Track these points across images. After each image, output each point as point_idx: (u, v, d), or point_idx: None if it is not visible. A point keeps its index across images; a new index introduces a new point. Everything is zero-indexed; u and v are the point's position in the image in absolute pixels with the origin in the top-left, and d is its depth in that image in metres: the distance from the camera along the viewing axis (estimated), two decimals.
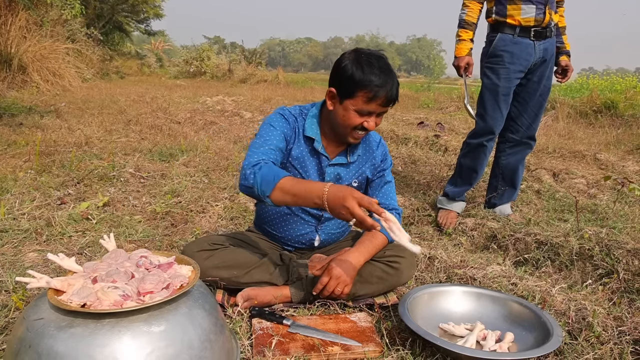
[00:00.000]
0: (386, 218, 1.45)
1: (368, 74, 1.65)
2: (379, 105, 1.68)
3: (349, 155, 1.87)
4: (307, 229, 1.93)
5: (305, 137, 1.83)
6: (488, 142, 2.89)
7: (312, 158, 1.85)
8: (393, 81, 1.68)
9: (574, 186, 4.03)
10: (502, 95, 2.79)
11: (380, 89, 1.65)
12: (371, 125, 1.71)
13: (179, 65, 23.25)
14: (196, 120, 6.87)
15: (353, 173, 1.91)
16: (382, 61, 1.70)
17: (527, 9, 2.67)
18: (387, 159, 1.97)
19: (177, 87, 14.12)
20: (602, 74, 18.26)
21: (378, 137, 1.99)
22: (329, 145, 1.86)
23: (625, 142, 6.31)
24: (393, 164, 2.06)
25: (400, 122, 7.08)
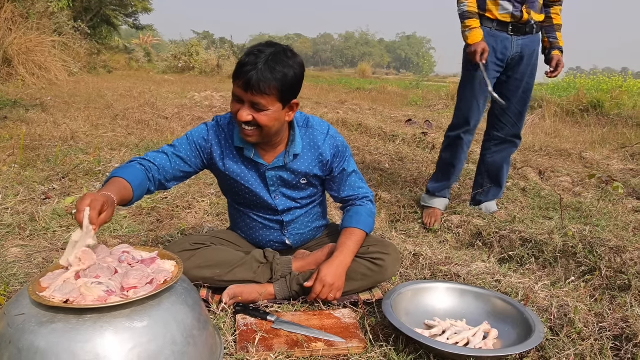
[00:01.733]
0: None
1: (244, 55, 1.60)
2: (240, 87, 1.58)
3: (286, 156, 1.78)
4: (275, 233, 1.93)
5: (237, 147, 1.77)
6: (465, 135, 2.92)
7: (249, 167, 1.79)
8: (258, 65, 1.55)
9: (559, 184, 4.07)
10: (478, 85, 2.81)
11: (242, 68, 1.57)
12: (242, 114, 1.60)
13: (167, 60, 23.07)
14: (184, 115, 6.83)
15: (298, 173, 1.81)
16: (269, 48, 1.61)
17: (505, 5, 2.72)
18: (342, 150, 1.85)
19: (165, 82, 14.02)
20: (589, 73, 18.42)
21: (325, 129, 1.84)
22: (263, 150, 1.78)
23: (611, 141, 6.38)
24: (352, 152, 1.95)
25: (389, 119, 7.10)
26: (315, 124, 1.83)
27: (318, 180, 1.87)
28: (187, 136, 1.78)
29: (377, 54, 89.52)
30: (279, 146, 1.77)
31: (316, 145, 1.80)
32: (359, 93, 12.64)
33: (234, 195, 1.90)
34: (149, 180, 1.66)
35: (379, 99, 11.09)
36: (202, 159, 1.78)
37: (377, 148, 4.88)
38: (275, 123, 1.64)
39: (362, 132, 5.95)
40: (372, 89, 13.51)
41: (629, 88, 11.20)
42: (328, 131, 1.83)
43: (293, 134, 1.77)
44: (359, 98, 10.96)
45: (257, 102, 1.58)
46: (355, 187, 1.91)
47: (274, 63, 1.56)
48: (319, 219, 2.02)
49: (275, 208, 1.86)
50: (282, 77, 1.57)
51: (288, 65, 1.60)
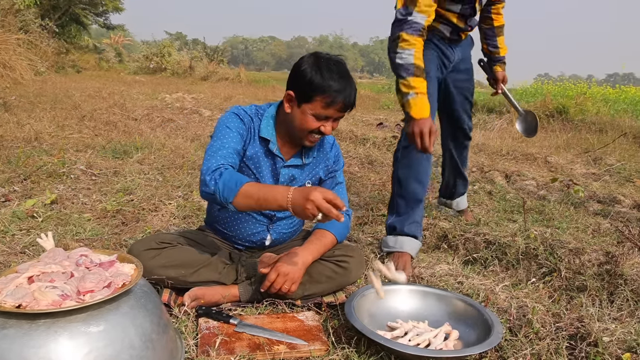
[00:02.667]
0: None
1: (327, 79, 1.66)
2: (337, 110, 1.70)
3: (304, 157, 1.88)
4: (259, 228, 1.93)
5: (261, 137, 1.83)
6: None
7: (266, 159, 1.85)
8: (351, 87, 1.69)
9: (524, 187, 4.16)
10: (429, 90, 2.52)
11: (338, 94, 1.66)
12: (328, 129, 1.73)
13: (138, 60, 22.80)
14: (154, 117, 6.74)
15: (307, 174, 1.92)
16: (342, 66, 1.71)
17: (442, 29, 2.43)
18: (339, 160, 2.00)
19: (136, 83, 13.83)
20: (556, 79, 18.92)
21: (332, 139, 2.01)
22: (284, 147, 1.86)
23: (574, 146, 6.56)
24: (344, 164, 2.08)
25: (360, 122, 7.15)
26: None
27: (318, 183, 1.97)
28: (229, 128, 1.78)
29: (351, 58, 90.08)
30: (298, 147, 1.87)
31: (325, 151, 1.96)
32: None
33: None
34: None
35: None
36: (243, 144, 1.82)
37: (348, 151, 4.91)
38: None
39: (333, 134, 5.96)
40: None
41: (592, 95, 11.56)
42: (334, 142, 2.02)
43: None
44: None
45: (342, 116, 1.75)
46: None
47: (351, 78, 1.73)
48: (300, 223, 2.11)
49: None
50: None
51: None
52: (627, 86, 16.50)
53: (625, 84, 33.76)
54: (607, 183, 4.55)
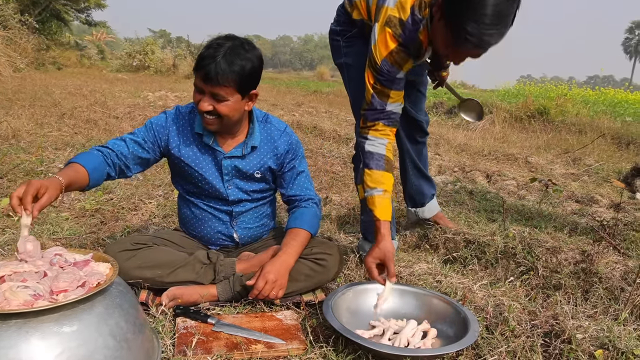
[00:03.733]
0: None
1: (207, 48, 1.69)
2: (201, 79, 1.68)
3: (244, 147, 1.87)
4: (222, 225, 1.94)
5: (196, 133, 1.85)
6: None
7: (206, 154, 1.86)
8: (217, 59, 1.64)
9: (505, 187, 4.20)
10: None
11: (202, 61, 1.66)
12: (203, 105, 1.70)
13: (121, 58, 22.55)
14: (135, 115, 6.67)
15: (254, 164, 1.90)
16: (228, 41, 1.69)
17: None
18: (294, 148, 1.95)
19: (119, 81, 13.67)
20: (539, 81, 19.17)
21: (283, 126, 1.96)
22: (223, 139, 1.86)
23: (554, 146, 6.65)
24: (306, 154, 2.03)
25: (344, 122, 7.16)
26: (274, 121, 1.95)
27: (271, 174, 1.94)
28: (146, 124, 1.86)
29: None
30: (238, 136, 1.86)
31: (272, 139, 1.91)
32: (316, 96, 12.69)
33: (186, 183, 1.93)
34: (107, 165, 1.73)
35: (335, 102, 11.16)
36: (158, 145, 1.84)
37: (331, 151, 4.92)
38: (235, 113, 1.74)
39: (316, 134, 5.98)
40: (329, 92, 13.59)
41: (573, 96, 11.72)
42: (285, 129, 1.95)
43: (252, 127, 1.87)
44: (315, 101, 11.01)
45: (216, 93, 1.67)
46: (302, 188, 1.96)
47: (232, 56, 1.66)
48: (268, 218, 2.06)
49: (226, 198, 1.89)
50: (240, 70, 1.67)
51: (246, 57, 1.69)
52: (606, 88, 16.78)
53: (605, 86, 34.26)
54: (585, 183, 4.63)
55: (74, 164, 1.61)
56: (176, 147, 1.85)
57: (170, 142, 1.85)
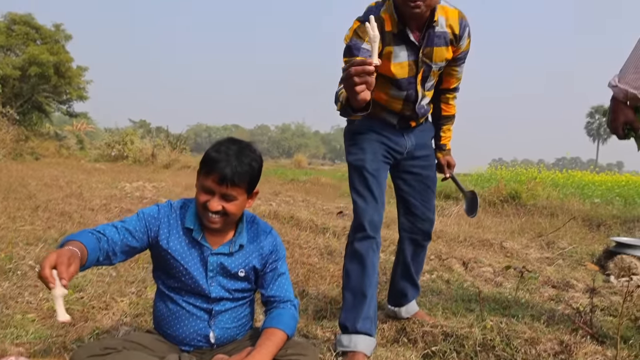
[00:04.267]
0: None
1: (211, 151, 1.77)
2: (214, 182, 1.73)
3: (232, 245, 1.89)
4: (200, 324, 1.89)
5: (186, 228, 1.87)
6: (371, 237, 2.36)
7: (193, 249, 1.87)
8: (232, 162, 1.72)
9: (482, 274, 4.22)
10: (371, 172, 2.37)
11: (214, 164, 1.73)
12: (213, 205, 1.75)
13: (100, 148, 22.81)
14: (112, 207, 6.65)
15: (239, 263, 1.90)
16: (234, 145, 1.79)
17: (389, 118, 2.43)
18: (278, 249, 1.99)
19: (96, 171, 13.73)
20: (509, 164, 19.86)
21: (269, 228, 2.01)
22: (212, 235, 1.88)
23: (528, 230, 6.78)
24: (286, 254, 2.06)
25: (320, 211, 7.23)
26: (260, 222, 2.01)
27: (254, 274, 1.94)
28: (137, 213, 1.88)
29: (313, 145, 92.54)
30: (227, 234, 1.89)
31: (259, 239, 1.94)
32: (294, 184, 12.87)
33: (168, 277, 1.90)
34: (99, 250, 1.71)
35: (312, 190, 11.33)
36: (148, 235, 1.85)
37: (307, 241, 4.92)
38: (240, 211, 1.83)
39: (293, 224, 6.00)
40: (306, 181, 13.80)
41: (543, 179, 12.12)
42: (270, 231, 2.00)
43: (241, 226, 1.91)
44: (293, 189, 11.16)
45: (229, 194, 1.74)
46: (282, 289, 1.97)
47: (242, 157, 1.76)
48: (247, 318, 2.02)
49: (207, 295, 1.86)
50: (251, 170, 1.77)
51: (253, 158, 1.80)
52: (574, 170, 17.45)
53: (572, 167, 35.51)
54: (560, 267, 4.68)
55: (76, 242, 1.60)
56: (165, 239, 1.85)
57: (160, 234, 1.85)
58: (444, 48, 2.31)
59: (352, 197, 2.44)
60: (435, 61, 2.33)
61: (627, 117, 2.06)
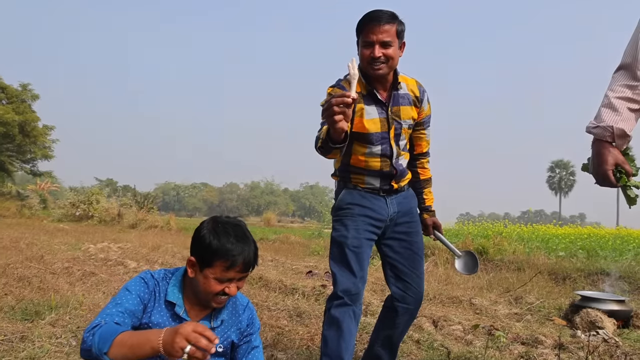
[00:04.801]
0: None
1: (225, 243, 1.73)
2: (237, 272, 1.75)
3: (212, 320, 1.87)
4: None
5: (167, 301, 1.83)
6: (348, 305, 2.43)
7: (174, 323, 1.82)
8: (249, 248, 1.76)
9: (451, 333, 4.20)
10: (352, 249, 2.46)
11: (237, 257, 1.72)
12: (232, 290, 1.76)
13: (64, 207, 22.28)
14: (74, 270, 6.43)
15: (220, 338, 1.88)
16: (239, 229, 1.80)
17: (371, 181, 2.54)
18: (254, 322, 1.99)
19: (59, 232, 13.35)
20: (476, 219, 20.21)
21: (245, 301, 2.01)
22: (192, 309, 1.85)
23: (496, 286, 6.82)
24: (259, 326, 2.06)
25: (290, 271, 7.15)
26: (238, 295, 1.98)
27: (230, 347, 1.92)
28: (129, 290, 1.79)
29: (282, 203, 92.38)
30: (207, 309, 1.86)
31: (237, 313, 1.93)
32: (263, 243, 12.74)
33: None
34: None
35: (281, 249, 11.23)
36: (143, 307, 1.80)
37: (276, 303, 4.84)
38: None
39: (262, 285, 5.90)
40: (275, 239, 13.70)
41: (509, 234, 12.35)
42: (247, 303, 2.00)
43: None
44: (262, 249, 11.00)
45: (244, 277, 1.80)
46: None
47: (248, 236, 1.80)
48: None
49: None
50: (255, 242, 1.83)
51: (249, 232, 1.85)
52: (538, 224, 17.87)
53: (537, 220, 36.23)
54: (529, 323, 4.71)
55: (124, 333, 1.57)
56: (148, 313, 1.80)
57: (147, 307, 1.81)
58: (409, 107, 2.56)
59: (331, 269, 2.52)
60: (403, 119, 2.54)
61: (616, 159, 1.80)
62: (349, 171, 2.56)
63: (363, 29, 2.37)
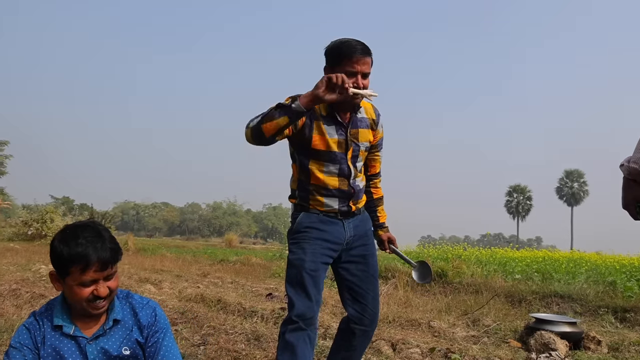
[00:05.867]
0: None
1: (73, 247, 1.71)
2: (96, 271, 1.71)
3: (105, 323, 1.84)
4: None
5: (55, 327, 1.80)
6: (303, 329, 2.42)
7: (68, 345, 1.79)
8: (102, 245, 1.73)
9: (410, 356, 4.21)
10: (309, 272, 2.45)
11: (89, 257, 1.70)
12: (101, 291, 1.73)
13: (15, 226, 21.44)
14: (22, 292, 6.15)
15: (120, 342, 1.84)
16: (89, 230, 1.77)
17: (329, 202, 2.55)
18: (157, 320, 1.93)
19: (9, 252, 12.81)
20: (438, 241, 20.50)
21: (145, 300, 1.97)
22: (85, 324, 1.82)
23: (455, 308, 6.90)
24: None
25: (250, 293, 7.05)
26: (136, 296, 1.96)
27: (140, 349, 1.86)
28: (14, 346, 1.76)
29: (245, 224, 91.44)
30: (101, 317, 1.83)
31: (135, 312, 1.89)
32: (223, 265, 12.54)
33: None
34: None
35: (242, 271, 11.07)
36: (39, 356, 1.76)
37: (234, 326, 4.74)
38: (118, 284, 1.83)
39: (220, 308, 5.79)
40: (236, 261, 13.52)
41: (467, 257, 12.57)
42: (147, 302, 1.95)
43: (112, 303, 1.85)
44: (222, 270, 10.85)
45: (110, 274, 1.75)
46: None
47: (103, 235, 1.77)
48: None
49: None
50: (115, 241, 1.79)
51: (105, 230, 1.82)
52: (497, 247, 18.27)
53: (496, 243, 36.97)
54: (485, 345, 4.77)
55: None
56: (42, 349, 1.77)
57: (39, 346, 1.77)
58: (367, 130, 2.64)
59: (287, 293, 2.49)
60: (361, 141, 2.61)
61: (635, 195, 1.95)
62: (308, 191, 2.56)
63: (347, 58, 2.42)
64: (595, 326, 5.67)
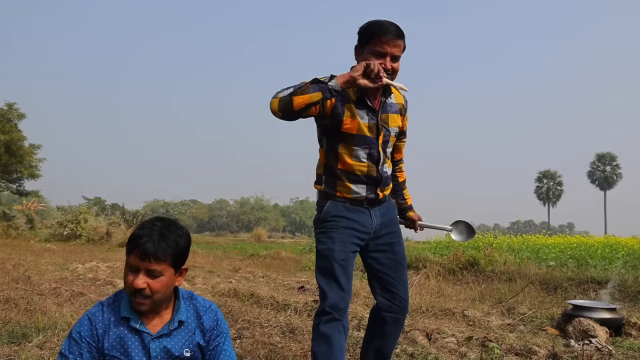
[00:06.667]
0: None
1: (139, 228, 1.82)
2: (137, 257, 1.76)
3: (171, 323, 1.87)
4: None
5: (122, 318, 1.84)
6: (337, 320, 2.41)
7: (132, 339, 1.83)
8: (153, 236, 1.78)
9: (446, 345, 4.18)
10: (339, 262, 2.44)
11: (137, 240, 1.77)
12: (137, 282, 1.75)
13: (51, 227, 22.01)
14: (62, 291, 6.33)
15: (182, 343, 1.87)
16: (159, 222, 1.85)
17: (357, 189, 2.51)
18: (219, 325, 1.97)
19: (47, 252, 13.17)
20: None
21: (208, 303, 2.01)
22: (150, 320, 1.86)
23: (488, 297, 6.82)
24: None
25: (281, 287, 7.10)
26: (199, 298, 2.00)
27: (200, 353, 1.89)
28: (74, 336, 1.79)
29: (273, 219, 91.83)
30: (165, 316, 1.86)
31: (198, 315, 1.93)
32: (253, 260, 12.66)
33: None
34: None
35: (272, 265, 11.16)
36: (97, 350, 1.80)
37: (268, 320, 4.79)
38: (167, 289, 1.81)
39: (253, 302, 5.85)
40: (266, 255, 13.63)
41: (499, 245, 12.39)
42: (210, 305, 1.99)
43: (178, 303, 1.90)
44: (253, 265, 10.96)
45: (153, 270, 1.75)
46: None
47: (166, 233, 1.80)
48: None
49: None
50: (175, 245, 1.80)
51: (179, 234, 1.84)
52: (528, 234, 17.94)
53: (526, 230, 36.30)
54: (522, 333, 4.70)
55: None
56: (106, 342, 1.80)
57: (102, 340, 1.81)
58: (396, 115, 2.62)
59: (318, 284, 2.49)
60: (391, 126, 2.59)
61: None
62: (336, 176, 2.52)
63: (376, 38, 2.39)
64: (636, 312, 5.52)
